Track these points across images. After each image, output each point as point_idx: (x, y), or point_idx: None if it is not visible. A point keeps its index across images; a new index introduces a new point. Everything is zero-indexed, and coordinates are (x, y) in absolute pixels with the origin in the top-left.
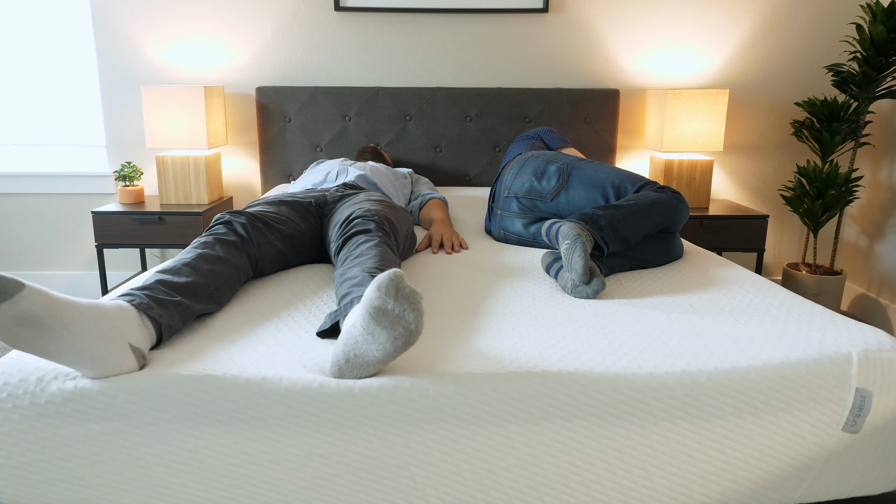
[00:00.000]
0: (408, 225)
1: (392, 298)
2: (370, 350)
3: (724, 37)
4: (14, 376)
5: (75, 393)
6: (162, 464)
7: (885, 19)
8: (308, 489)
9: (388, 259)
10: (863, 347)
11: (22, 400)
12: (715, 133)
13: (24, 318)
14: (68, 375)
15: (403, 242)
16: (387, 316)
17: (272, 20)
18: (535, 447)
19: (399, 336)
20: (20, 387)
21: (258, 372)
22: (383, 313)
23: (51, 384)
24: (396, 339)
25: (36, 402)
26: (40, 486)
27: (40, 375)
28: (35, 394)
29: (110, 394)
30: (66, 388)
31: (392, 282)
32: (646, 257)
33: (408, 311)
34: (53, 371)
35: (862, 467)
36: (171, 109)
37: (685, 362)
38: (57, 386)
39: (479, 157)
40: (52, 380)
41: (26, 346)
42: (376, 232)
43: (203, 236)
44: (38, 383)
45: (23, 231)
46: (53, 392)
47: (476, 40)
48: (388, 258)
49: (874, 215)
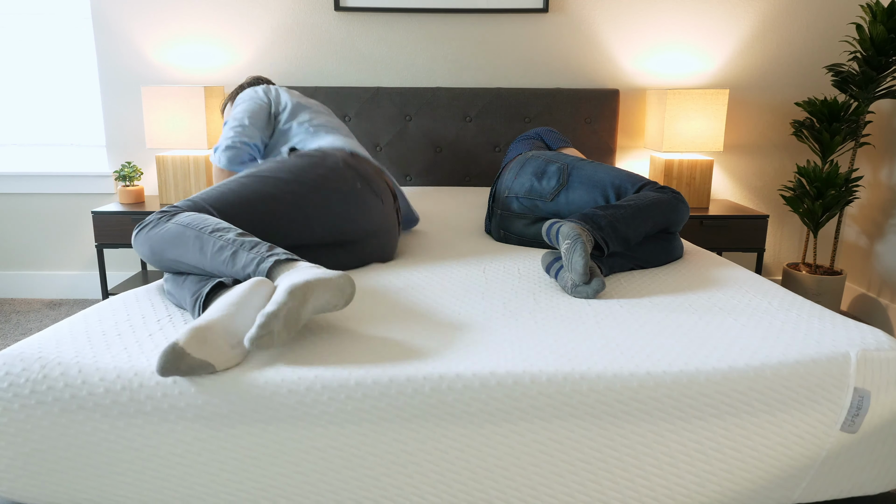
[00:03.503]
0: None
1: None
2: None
3: (724, 37)
4: (16, 366)
5: (77, 383)
6: (160, 456)
7: (885, 19)
8: (306, 484)
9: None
10: (861, 347)
11: (23, 389)
12: (715, 133)
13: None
14: (71, 365)
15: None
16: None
17: (272, 20)
18: (532, 447)
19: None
20: (22, 376)
21: (255, 368)
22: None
23: (54, 371)
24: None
25: (37, 391)
26: (38, 477)
27: (43, 364)
28: (37, 381)
29: (110, 385)
30: (69, 378)
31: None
32: (646, 257)
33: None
34: (56, 360)
35: (860, 467)
36: (171, 109)
37: (683, 362)
38: (60, 372)
39: (479, 157)
40: (55, 366)
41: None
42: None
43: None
44: (41, 371)
45: (23, 231)
46: (55, 380)
47: (476, 40)
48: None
49: (874, 215)
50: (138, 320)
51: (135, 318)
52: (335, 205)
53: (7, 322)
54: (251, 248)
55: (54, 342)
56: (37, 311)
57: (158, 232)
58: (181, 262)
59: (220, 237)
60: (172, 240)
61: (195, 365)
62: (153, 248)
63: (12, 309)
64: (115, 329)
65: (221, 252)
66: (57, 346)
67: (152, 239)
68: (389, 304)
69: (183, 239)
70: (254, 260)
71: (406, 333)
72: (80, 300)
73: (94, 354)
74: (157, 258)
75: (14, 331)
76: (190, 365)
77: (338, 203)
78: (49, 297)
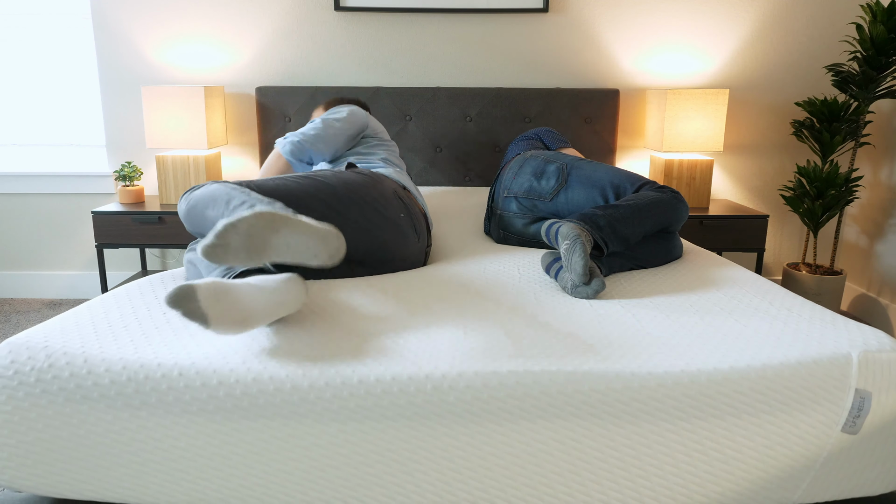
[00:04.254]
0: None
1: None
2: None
3: (724, 37)
4: (22, 354)
5: (83, 373)
6: (163, 449)
7: (885, 19)
8: (307, 480)
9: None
10: (862, 348)
11: (28, 378)
12: (715, 133)
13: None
14: (76, 356)
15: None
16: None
17: (272, 20)
18: (534, 446)
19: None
20: (28, 364)
21: (259, 363)
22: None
23: (59, 361)
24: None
25: (42, 380)
26: (41, 466)
27: (49, 354)
28: (42, 371)
29: (115, 376)
30: (74, 368)
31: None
32: (645, 257)
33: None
34: (62, 350)
35: (861, 468)
36: (171, 109)
37: (684, 362)
38: (65, 362)
39: (479, 157)
40: (60, 356)
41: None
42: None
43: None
44: (47, 360)
45: (23, 231)
46: (61, 370)
47: (476, 40)
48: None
49: (874, 215)
50: (144, 312)
51: (140, 311)
52: (377, 227)
53: (7, 322)
54: (267, 202)
55: (60, 332)
56: (37, 311)
57: (199, 192)
58: (210, 219)
59: (248, 195)
60: (208, 197)
61: (196, 312)
62: (190, 205)
63: (12, 309)
64: (122, 321)
65: (242, 206)
66: (63, 336)
67: (193, 198)
68: (391, 303)
69: (216, 196)
70: (251, 202)
71: (408, 332)
72: (80, 300)
73: (100, 345)
74: (191, 215)
75: (14, 331)
76: (191, 310)
77: (380, 226)
78: (49, 297)
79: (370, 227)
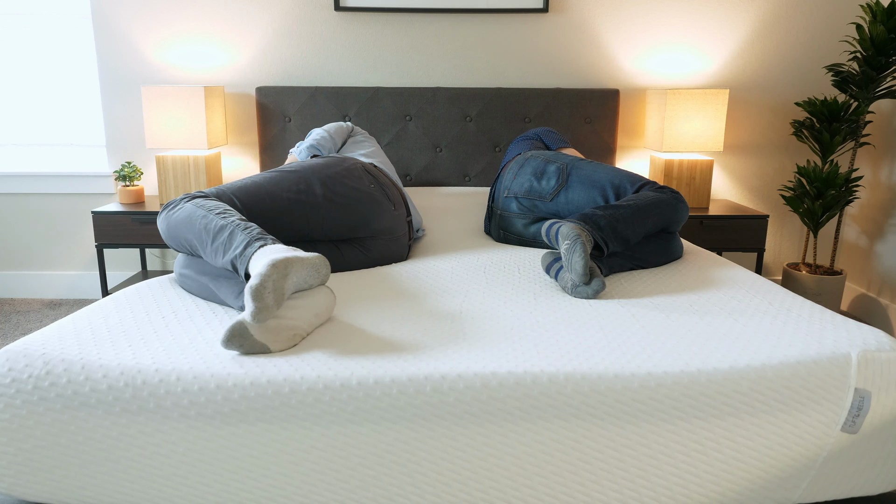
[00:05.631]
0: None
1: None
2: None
3: (724, 37)
4: (20, 362)
5: (80, 379)
6: (162, 454)
7: (885, 19)
8: (306, 483)
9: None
10: (862, 348)
11: (26, 385)
12: (715, 133)
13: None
14: (74, 362)
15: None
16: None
17: (272, 20)
18: (533, 447)
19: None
20: (25, 371)
21: (256, 367)
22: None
23: (57, 368)
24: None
25: (40, 387)
26: (39, 473)
27: (47, 360)
28: (40, 377)
29: (113, 382)
30: (72, 374)
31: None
32: (646, 257)
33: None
34: (60, 356)
35: (860, 468)
36: (171, 109)
37: (684, 362)
38: (63, 369)
39: (479, 157)
40: (58, 363)
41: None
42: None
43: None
44: (44, 367)
45: (23, 231)
46: (59, 377)
47: (476, 40)
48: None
49: (874, 215)
50: (143, 317)
51: (139, 315)
52: (349, 202)
53: (7, 322)
54: (244, 229)
55: (58, 338)
56: (37, 311)
57: (175, 212)
58: (190, 241)
59: (224, 218)
60: (185, 220)
61: (255, 345)
62: (169, 226)
63: (12, 309)
64: (120, 326)
65: (222, 232)
66: (60, 342)
67: (170, 219)
68: (390, 304)
69: (193, 219)
70: (244, 241)
71: (407, 333)
72: (80, 300)
73: (98, 352)
74: (172, 236)
75: (14, 331)
76: (252, 344)
77: (352, 197)
78: (49, 297)
79: (343, 202)
